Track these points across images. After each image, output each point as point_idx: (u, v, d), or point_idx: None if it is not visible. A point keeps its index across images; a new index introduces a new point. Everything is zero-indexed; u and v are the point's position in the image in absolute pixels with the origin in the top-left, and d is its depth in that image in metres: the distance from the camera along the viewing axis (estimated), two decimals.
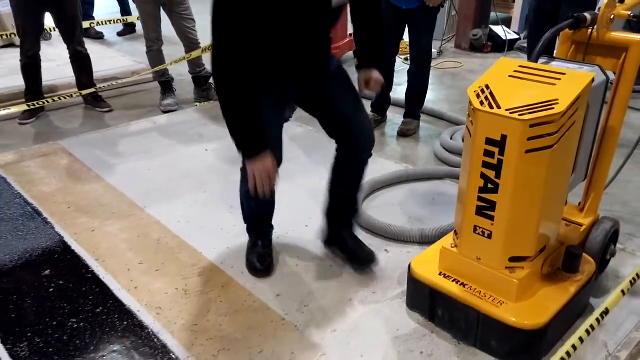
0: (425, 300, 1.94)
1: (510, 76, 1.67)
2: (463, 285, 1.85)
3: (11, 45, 5.56)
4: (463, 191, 1.79)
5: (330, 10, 1.78)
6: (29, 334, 1.87)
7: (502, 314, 1.73)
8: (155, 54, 4.00)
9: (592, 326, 1.40)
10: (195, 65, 4.18)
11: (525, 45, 5.08)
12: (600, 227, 2.07)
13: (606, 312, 1.44)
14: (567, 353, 1.33)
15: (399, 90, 4.11)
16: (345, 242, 2.24)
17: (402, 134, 3.61)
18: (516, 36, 5.67)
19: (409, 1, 3.21)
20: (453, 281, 1.88)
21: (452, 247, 1.91)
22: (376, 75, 2.05)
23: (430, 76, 3.69)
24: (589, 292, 1.96)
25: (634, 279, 1.52)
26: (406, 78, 3.68)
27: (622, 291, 1.47)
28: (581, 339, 1.37)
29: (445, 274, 1.91)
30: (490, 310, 1.76)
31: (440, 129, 3.75)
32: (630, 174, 3.07)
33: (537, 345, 1.74)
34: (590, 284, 1.92)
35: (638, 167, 3.19)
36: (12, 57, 5.11)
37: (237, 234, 2.42)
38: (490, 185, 1.67)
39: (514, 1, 6.15)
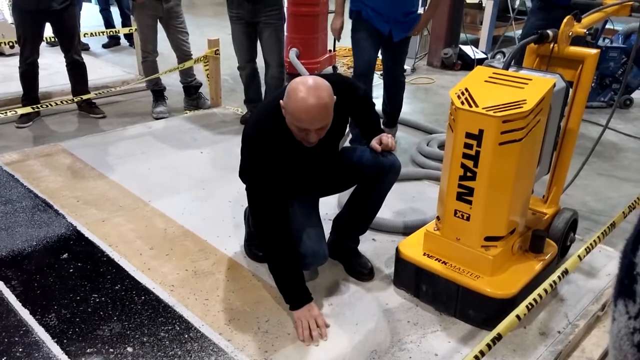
0: (411, 277, 2.20)
1: (485, 81, 1.97)
2: (445, 263, 2.12)
3: (0, 54, 5.68)
4: (445, 181, 2.07)
5: (337, 150, 2.19)
6: (56, 307, 2.06)
7: (479, 286, 2.01)
8: (150, 64, 4.21)
9: (554, 281, 1.68)
10: (186, 75, 4.41)
11: (492, 63, 5.48)
12: (561, 216, 2.38)
13: (566, 271, 1.72)
14: (534, 300, 1.61)
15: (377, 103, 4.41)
16: (349, 259, 2.36)
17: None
18: (484, 55, 6.09)
19: (399, 33, 3.37)
20: (436, 260, 2.14)
21: (434, 230, 2.18)
22: (383, 135, 2.21)
23: (405, 91, 3.95)
24: (552, 271, 2.24)
25: (589, 245, 1.81)
26: (381, 92, 3.92)
27: (579, 256, 1.76)
28: (545, 290, 1.65)
29: (428, 254, 2.17)
30: (469, 283, 2.03)
31: (416, 138, 4.05)
32: (589, 178, 3.44)
33: (508, 313, 2.00)
34: (553, 264, 2.22)
35: (595, 173, 3.56)
36: (2, 66, 5.27)
37: (237, 225, 2.65)
38: (469, 174, 1.96)
39: (481, 23, 6.59)
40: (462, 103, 1.91)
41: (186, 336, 1.94)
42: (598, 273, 2.37)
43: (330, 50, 5.81)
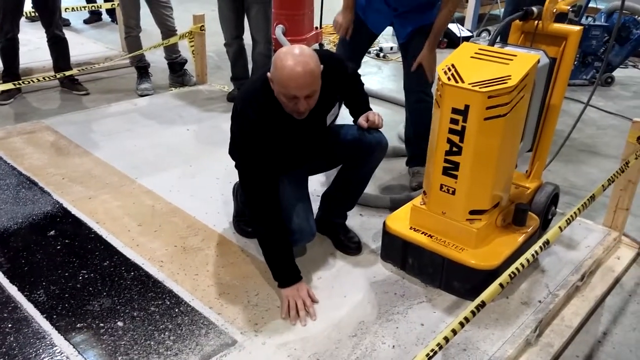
0: (397, 251, 2.24)
1: (471, 57, 1.99)
2: (430, 236, 2.16)
3: None
4: (431, 155, 2.10)
5: (326, 125, 2.16)
6: (44, 283, 2.06)
7: (464, 258, 2.06)
8: (133, 40, 4.16)
9: (536, 251, 1.73)
10: (171, 51, 4.36)
11: (478, 41, 5.49)
12: (543, 190, 2.44)
13: (547, 242, 1.77)
14: (517, 269, 1.66)
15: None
16: (337, 234, 2.39)
17: (419, 186, 2.76)
18: (469, 33, 6.09)
19: (403, 33, 2.72)
20: (422, 233, 2.18)
21: (421, 204, 2.22)
22: (370, 112, 2.25)
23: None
24: (534, 243, 2.30)
25: (570, 217, 1.86)
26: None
27: (560, 227, 1.81)
28: (528, 260, 1.70)
29: (415, 228, 2.21)
30: (454, 255, 2.08)
31: (401, 115, 4.06)
32: (570, 154, 3.50)
33: (491, 284, 2.06)
34: (535, 237, 2.27)
35: (576, 149, 3.63)
36: None
37: (225, 202, 2.66)
38: (454, 149, 1.99)
39: (467, 1, 6.58)
40: (449, 79, 1.93)
41: (176, 310, 1.96)
42: (578, 245, 2.44)
43: (316, 27, 5.78)
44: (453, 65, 1.97)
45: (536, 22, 2.21)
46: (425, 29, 2.61)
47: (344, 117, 2.38)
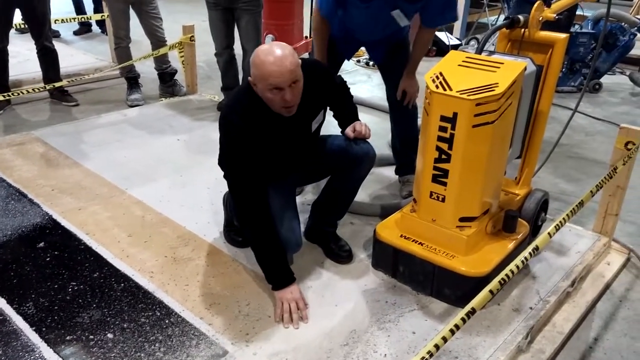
0: (388, 259, 2.24)
1: (459, 65, 2.01)
2: (421, 244, 2.17)
3: None
4: (421, 163, 2.11)
5: (311, 131, 2.15)
6: (33, 295, 2.04)
7: (454, 265, 2.06)
8: (123, 51, 4.16)
9: (526, 258, 1.73)
10: (161, 62, 4.36)
11: (466, 49, 5.54)
12: (533, 196, 2.45)
13: (537, 248, 1.78)
14: (506, 276, 1.67)
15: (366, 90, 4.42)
16: (328, 242, 2.39)
17: (410, 195, 2.60)
18: (458, 42, 6.15)
19: (378, 56, 2.82)
20: (412, 241, 2.19)
21: (411, 212, 2.23)
22: (357, 122, 2.25)
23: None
24: (524, 250, 2.31)
25: (559, 223, 1.88)
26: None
27: (549, 233, 1.82)
28: (517, 267, 1.70)
29: (405, 236, 2.21)
30: (444, 262, 2.08)
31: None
32: (559, 160, 3.53)
33: (482, 291, 2.06)
34: (525, 243, 2.28)
35: (565, 155, 3.66)
36: None
37: (216, 211, 2.65)
38: (443, 156, 2.00)
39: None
40: (437, 87, 1.94)
41: (167, 321, 1.95)
42: (568, 251, 2.45)
43: (306, 37, 5.80)
44: (441, 74, 1.98)
45: (523, 30, 2.24)
46: (397, 45, 2.70)
47: (333, 125, 2.39)
